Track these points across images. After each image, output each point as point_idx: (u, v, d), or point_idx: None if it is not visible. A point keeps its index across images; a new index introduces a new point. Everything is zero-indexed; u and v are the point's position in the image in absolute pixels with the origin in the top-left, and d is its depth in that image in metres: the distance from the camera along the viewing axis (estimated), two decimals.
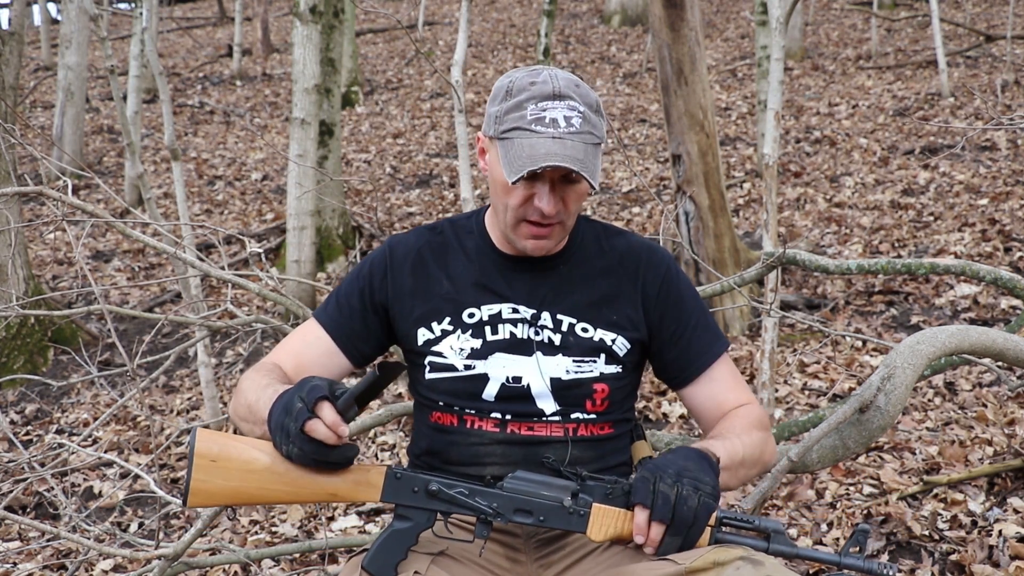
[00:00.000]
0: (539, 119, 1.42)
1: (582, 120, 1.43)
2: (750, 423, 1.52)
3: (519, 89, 1.45)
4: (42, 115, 12.29)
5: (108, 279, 7.00)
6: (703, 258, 4.87)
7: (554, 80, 1.44)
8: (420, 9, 15.77)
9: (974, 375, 3.88)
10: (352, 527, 3.25)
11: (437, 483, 1.35)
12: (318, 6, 5.67)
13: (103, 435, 4.42)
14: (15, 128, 4.85)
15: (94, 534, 2.62)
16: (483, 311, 1.53)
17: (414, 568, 1.34)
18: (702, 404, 1.59)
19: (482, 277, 1.56)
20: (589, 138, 1.43)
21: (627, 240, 1.62)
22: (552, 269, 1.56)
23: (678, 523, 1.30)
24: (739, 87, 10.74)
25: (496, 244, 1.58)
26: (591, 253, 1.59)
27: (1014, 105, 8.09)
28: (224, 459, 1.31)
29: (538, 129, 1.41)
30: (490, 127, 1.48)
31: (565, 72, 1.49)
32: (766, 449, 1.52)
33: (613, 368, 1.53)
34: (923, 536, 2.72)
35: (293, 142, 5.66)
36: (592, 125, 1.44)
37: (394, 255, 1.59)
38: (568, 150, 1.39)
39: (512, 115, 1.43)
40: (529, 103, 1.43)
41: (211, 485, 1.31)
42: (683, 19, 4.77)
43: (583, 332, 1.52)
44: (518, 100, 1.44)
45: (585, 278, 1.56)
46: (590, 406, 1.51)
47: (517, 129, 1.42)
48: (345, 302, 1.58)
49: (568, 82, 1.45)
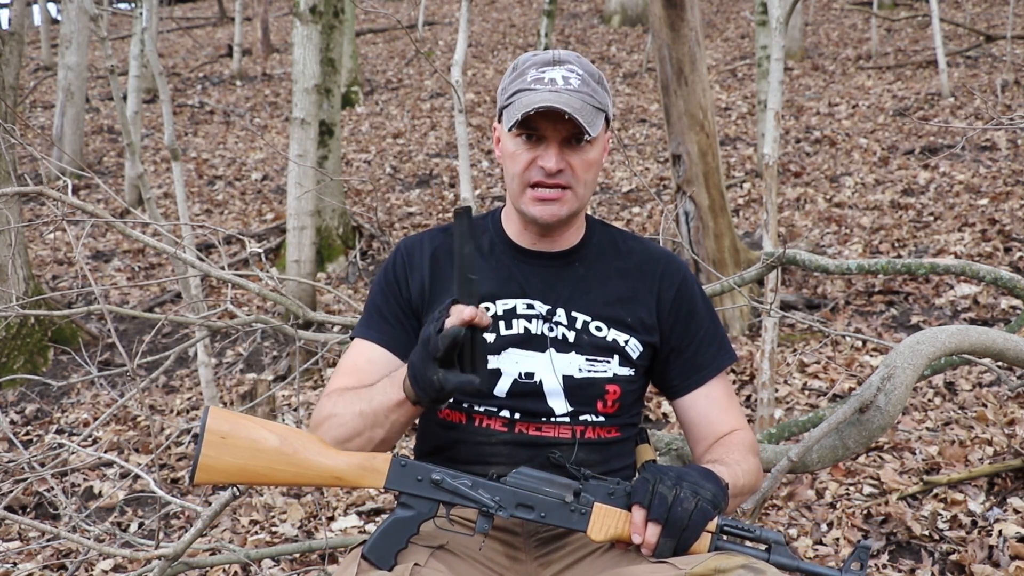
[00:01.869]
0: (539, 79, 1.47)
1: (580, 81, 1.47)
2: (746, 450, 1.53)
3: (523, 63, 1.52)
4: (42, 115, 12.29)
5: (108, 279, 6.99)
6: (703, 258, 4.87)
7: (555, 52, 1.51)
8: (420, 9, 15.77)
9: (974, 375, 3.87)
10: (352, 527, 3.25)
11: (441, 473, 1.36)
12: (318, 6, 5.67)
13: (103, 435, 4.42)
14: (15, 128, 4.85)
15: (94, 534, 2.62)
16: (498, 305, 1.53)
17: (414, 560, 1.35)
18: (694, 420, 1.59)
19: (498, 271, 1.56)
20: (588, 98, 1.46)
21: (644, 246, 1.63)
22: (568, 267, 1.56)
23: (673, 524, 1.30)
24: (739, 87, 10.74)
25: (512, 238, 1.58)
26: (608, 254, 1.59)
27: (1014, 105, 8.09)
28: (234, 436, 1.34)
29: (537, 87, 1.46)
30: (499, 107, 1.53)
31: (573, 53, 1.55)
32: (759, 476, 1.55)
33: (627, 370, 1.53)
34: (923, 536, 2.72)
35: (293, 142, 5.66)
36: (592, 89, 1.47)
37: (411, 256, 1.58)
38: (563, 99, 1.43)
39: (514, 83, 1.50)
40: (530, 69, 1.49)
41: (219, 462, 1.33)
42: (683, 19, 4.77)
43: (597, 331, 1.53)
44: (520, 70, 1.51)
45: (601, 278, 1.56)
46: (601, 407, 1.51)
47: (518, 92, 1.48)
48: (388, 312, 1.56)
49: (569, 53, 1.52)
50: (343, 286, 6.57)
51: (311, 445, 1.38)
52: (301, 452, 1.35)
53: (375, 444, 1.41)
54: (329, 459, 1.36)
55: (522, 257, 1.56)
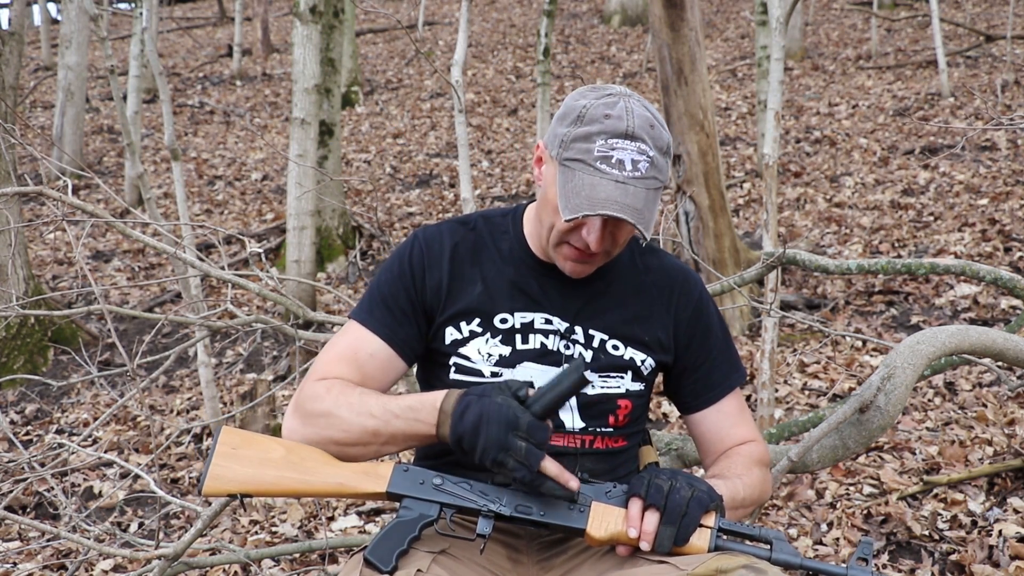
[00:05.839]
0: (606, 158, 1.34)
1: (649, 165, 1.36)
2: (751, 460, 1.53)
3: (591, 119, 1.36)
4: (42, 115, 12.29)
5: (108, 279, 6.99)
6: (703, 258, 4.87)
7: (629, 116, 1.36)
8: (420, 9, 15.77)
9: (974, 375, 3.87)
10: (352, 527, 3.25)
11: (442, 476, 1.38)
12: (318, 6, 5.67)
13: (103, 435, 4.42)
14: (15, 128, 4.85)
15: (94, 534, 2.62)
16: (516, 318, 1.50)
17: (416, 565, 1.35)
18: (705, 434, 1.59)
19: (517, 281, 1.52)
20: (652, 183, 1.36)
21: (661, 261, 1.60)
22: (587, 282, 1.53)
23: (671, 510, 1.30)
24: (739, 87, 10.73)
25: (533, 249, 1.54)
26: (626, 270, 1.56)
27: (1014, 105, 8.09)
28: (244, 447, 1.39)
29: (603, 168, 1.34)
30: (554, 147, 1.40)
31: (641, 106, 1.39)
32: (765, 488, 1.53)
33: (638, 386, 1.53)
34: (923, 536, 2.72)
35: (293, 142, 5.66)
36: (658, 170, 1.37)
37: (431, 249, 1.52)
38: (629, 198, 1.33)
39: (579, 144, 1.36)
40: (599, 137, 1.35)
41: (229, 471, 1.37)
42: (683, 19, 4.77)
43: (614, 349, 1.52)
44: (588, 131, 1.36)
45: (619, 295, 1.54)
46: (612, 421, 1.51)
47: (581, 162, 1.35)
48: (395, 305, 1.50)
49: (643, 121, 1.37)
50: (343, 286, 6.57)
51: (316, 455, 1.41)
52: (307, 461, 1.39)
53: (374, 453, 1.41)
54: (333, 468, 1.39)
55: (541, 268, 1.53)
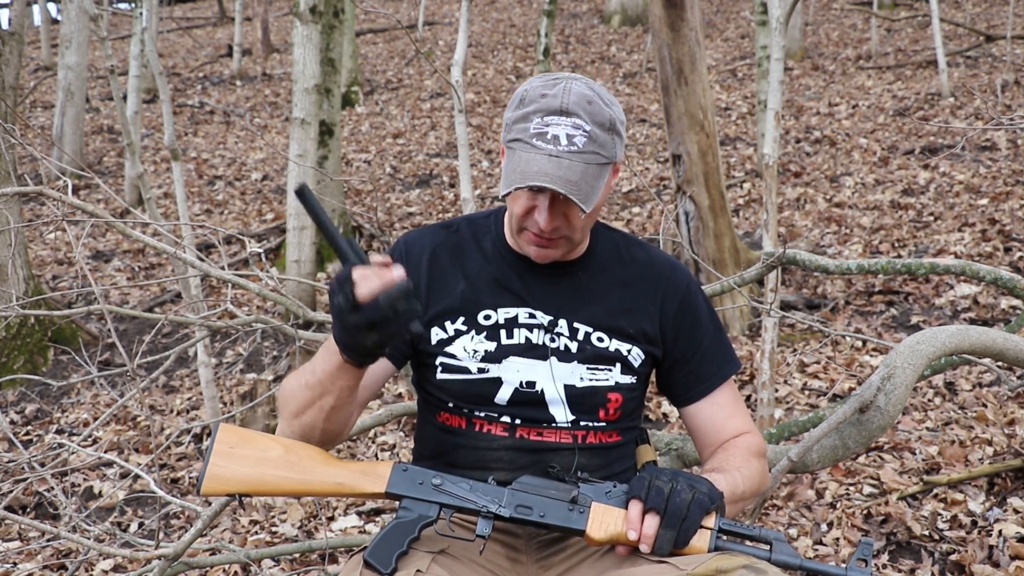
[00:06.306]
0: (541, 134, 1.38)
1: (586, 139, 1.38)
2: (749, 452, 1.53)
3: (530, 99, 1.41)
4: (42, 115, 12.29)
5: (108, 279, 6.99)
6: (703, 258, 4.87)
7: (566, 95, 1.39)
8: (420, 9, 15.76)
9: (974, 375, 3.87)
10: (352, 527, 3.25)
11: (441, 476, 1.38)
12: (318, 6, 5.66)
13: (103, 435, 4.42)
14: (15, 128, 4.85)
15: (94, 534, 2.62)
16: (499, 314, 1.52)
17: (415, 566, 1.35)
18: (700, 426, 1.59)
19: (499, 278, 1.54)
20: (592, 158, 1.38)
21: (648, 253, 1.60)
22: (570, 275, 1.54)
23: (671, 514, 1.30)
24: (739, 87, 10.73)
25: (513, 246, 1.55)
26: (611, 262, 1.57)
27: (1014, 105, 8.09)
28: (242, 446, 1.39)
29: (538, 144, 1.38)
30: (503, 133, 1.46)
31: (585, 85, 1.42)
32: (764, 479, 1.54)
33: (628, 378, 1.52)
34: (923, 536, 2.72)
35: (293, 142, 5.65)
36: (599, 145, 1.39)
37: (410, 253, 1.56)
38: (562, 170, 1.36)
39: (518, 125, 1.41)
40: (535, 116, 1.39)
41: (227, 471, 1.37)
42: (683, 19, 4.77)
43: (599, 342, 1.52)
44: (526, 111, 1.41)
45: (604, 287, 1.55)
46: (602, 415, 1.51)
47: (519, 141, 1.40)
48: None
49: (580, 97, 1.39)
50: None
51: (315, 454, 1.41)
52: (305, 460, 1.39)
53: (327, 412, 1.41)
54: (332, 467, 1.39)
55: (523, 265, 1.54)
